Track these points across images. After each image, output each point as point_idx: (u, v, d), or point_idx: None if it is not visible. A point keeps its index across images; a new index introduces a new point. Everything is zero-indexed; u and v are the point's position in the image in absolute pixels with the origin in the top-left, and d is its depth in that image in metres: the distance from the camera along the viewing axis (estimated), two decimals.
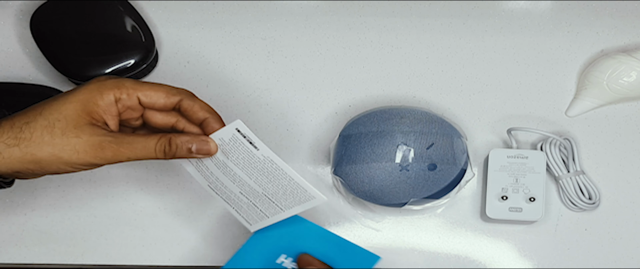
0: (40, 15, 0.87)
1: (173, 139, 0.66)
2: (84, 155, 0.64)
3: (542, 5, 0.91)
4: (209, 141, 0.67)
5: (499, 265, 0.84)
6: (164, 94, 0.67)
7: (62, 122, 0.64)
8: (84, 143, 0.64)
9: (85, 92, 0.65)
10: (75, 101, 0.64)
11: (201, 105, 0.68)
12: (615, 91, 0.85)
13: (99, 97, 0.65)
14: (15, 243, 0.85)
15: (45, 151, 0.64)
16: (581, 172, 0.84)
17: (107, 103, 0.65)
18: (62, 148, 0.64)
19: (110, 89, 0.65)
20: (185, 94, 0.68)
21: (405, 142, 0.79)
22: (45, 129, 0.64)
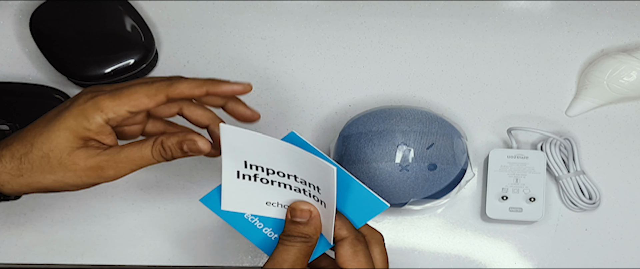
0: (40, 15, 0.87)
1: (165, 142, 0.64)
2: (87, 179, 0.64)
3: (542, 5, 0.91)
4: (196, 139, 0.64)
5: (499, 265, 0.84)
6: (144, 95, 0.64)
7: (56, 152, 0.63)
8: (83, 169, 0.64)
9: (70, 119, 0.63)
10: (63, 129, 0.63)
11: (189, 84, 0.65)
12: (616, 90, 0.85)
13: (87, 122, 0.63)
14: (15, 243, 0.85)
15: (49, 179, 0.64)
16: (581, 172, 0.84)
17: (98, 125, 0.64)
18: (64, 175, 0.64)
19: (93, 112, 0.63)
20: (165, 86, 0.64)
21: (405, 142, 0.79)
22: (42, 159, 0.64)
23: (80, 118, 0.63)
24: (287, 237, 0.64)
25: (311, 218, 0.65)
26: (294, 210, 0.65)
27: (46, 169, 0.64)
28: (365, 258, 0.64)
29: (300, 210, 0.65)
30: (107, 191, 0.86)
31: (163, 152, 0.65)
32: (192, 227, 0.85)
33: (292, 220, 0.65)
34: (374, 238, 0.66)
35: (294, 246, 0.64)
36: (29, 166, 0.64)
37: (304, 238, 0.64)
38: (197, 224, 0.85)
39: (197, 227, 0.85)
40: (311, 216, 0.65)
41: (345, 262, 0.63)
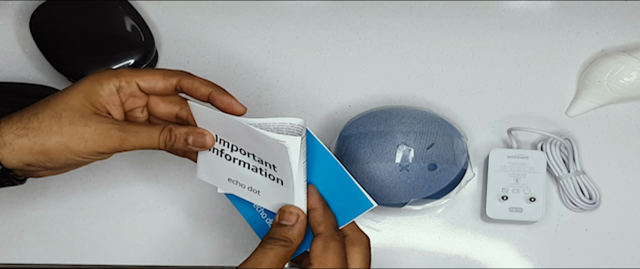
0: (39, 15, 0.87)
1: (173, 130, 0.66)
2: (91, 143, 0.65)
3: (542, 5, 0.91)
4: (205, 133, 0.66)
5: (499, 265, 0.84)
6: (161, 77, 0.67)
7: (69, 112, 0.65)
8: (91, 132, 0.65)
9: (85, 84, 0.66)
10: (77, 92, 0.66)
11: (201, 81, 0.68)
12: (616, 90, 0.85)
13: (100, 87, 0.66)
14: (15, 243, 0.85)
15: (53, 140, 0.64)
16: (581, 172, 0.84)
17: (108, 93, 0.66)
18: (70, 137, 0.65)
19: (108, 78, 0.66)
20: (182, 74, 0.68)
21: (405, 142, 0.79)
22: (53, 119, 0.65)
23: (95, 82, 0.66)
24: (268, 239, 0.65)
25: (296, 222, 0.66)
26: (283, 212, 0.66)
27: (54, 129, 0.64)
28: (334, 256, 0.63)
29: (288, 212, 0.66)
30: (107, 191, 0.86)
31: (169, 139, 0.66)
32: (192, 227, 0.85)
33: (279, 222, 0.66)
34: (357, 239, 0.67)
35: (272, 250, 0.64)
36: (36, 125, 0.64)
37: (285, 241, 0.65)
38: (196, 224, 0.85)
39: (196, 227, 0.85)
40: (297, 220, 0.66)
41: (314, 258, 0.64)
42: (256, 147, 0.64)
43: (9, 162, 0.65)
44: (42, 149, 0.65)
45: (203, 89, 0.68)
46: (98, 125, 0.65)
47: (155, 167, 0.87)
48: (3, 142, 0.64)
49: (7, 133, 0.65)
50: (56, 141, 0.64)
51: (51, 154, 0.65)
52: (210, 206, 0.86)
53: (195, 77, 0.68)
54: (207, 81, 0.68)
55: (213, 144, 0.67)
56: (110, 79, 0.66)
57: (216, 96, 0.68)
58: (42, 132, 0.64)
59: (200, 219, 0.85)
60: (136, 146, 0.66)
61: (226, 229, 0.85)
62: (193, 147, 0.66)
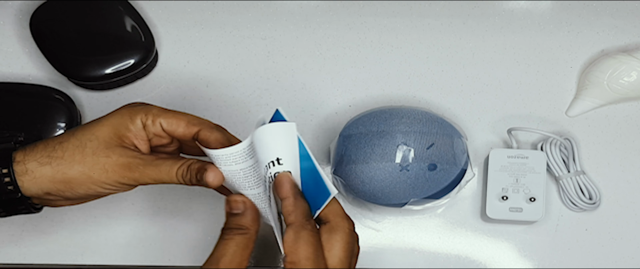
0: (40, 15, 0.87)
1: (191, 165, 0.66)
2: (112, 174, 0.65)
3: (542, 5, 0.91)
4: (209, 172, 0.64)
5: (499, 265, 0.84)
6: (184, 123, 0.67)
7: (94, 143, 0.65)
8: (113, 163, 0.65)
9: (117, 117, 0.67)
10: (107, 124, 0.66)
11: (216, 137, 0.67)
12: (616, 90, 0.85)
13: (130, 122, 0.66)
14: (15, 243, 0.85)
15: (75, 169, 0.65)
16: (581, 173, 0.84)
17: (138, 128, 0.67)
18: (92, 167, 0.65)
19: (137, 114, 0.67)
20: (205, 125, 0.68)
21: (405, 142, 0.79)
22: (77, 148, 0.65)
23: (126, 116, 0.66)
24: (225, 230, 0.65)
25: (245, 209, 0.65)
26: (229, 202, 0.66)
27: (77, 159, 0.65)
28: (306, 246, 0.63)
29: (234, 201, 0.65)
30: None
31: (185, 174, 0.66)
32: (191, 227, 0.85)
33: (230, 212, 0.66)
34: (339, 226, 0.65)
35: (232, 240, 0.64)
36: (60, 154, 0.65)
37: (241, 229, 0.64)
38: (197, 224, 0.85)
39: (196, 227, 0.85)
40: (245, 206, 0.65)
41: (285, 249, 0.63)
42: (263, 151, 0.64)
43: (29, 189, 0.65)
44: (63, 178, 0.65)
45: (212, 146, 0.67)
46: (120, 157, 0.65)
47: None
48: (25, 169, 0.65)
49: (30, 161, 0.65)
50: (78, 170, 0.65)
51: (72, 183, 0.65)
52: (211, 206, 0.86)
53: (214, 131, 0.67)
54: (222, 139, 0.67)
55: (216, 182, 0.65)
56: (139, 114, 0.66)
57: None
58: (65, 161, 0.65)
59: (201, 219, 0.85)
60: (155, 179, 0.66)
61: None
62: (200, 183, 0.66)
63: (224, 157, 0.63)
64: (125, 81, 0.88)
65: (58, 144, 0.65)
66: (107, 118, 0.67)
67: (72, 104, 0.86)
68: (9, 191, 0.65)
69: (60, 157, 0.65)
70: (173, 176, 0.66)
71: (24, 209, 0.67)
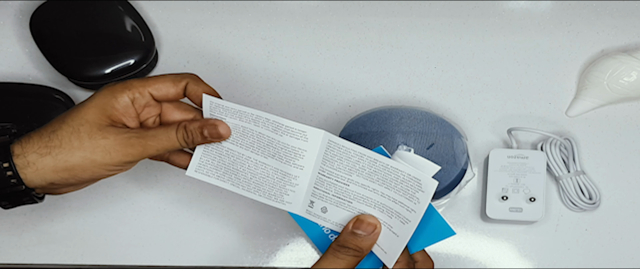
0: (40, 15, 0.87)
1: (188, 126, 0.66)
2: (115, 154, 0.65)
3: (542, 5, 0.91)
4: (217, 124, 0.67)
5: (499, 265, 0.84)
6: (171, 83, 0.67)
7: (86, 126, 0.65)
8: (112, 142, 0.65)
9: (100, 98, 0.66)
10: (92, 106, 0.66)
11: (204, 88, 0.68)
12: (616, 90, 0.85)
13: (115, 101, 0.66)
14: (15, 243, 0.85)
15: (77, 155, 0.65)
16: (581, 173, 0.84)
17: (124, 105, 0.66)
18: (93, 150, 0.65)
19: (121, 91, 0.66)
20: (189, 77, 0.68)
21: (405, 142, 0.79)
22: (72, 134, 0.65)
23: (108, 96, 0.66)
24: (340, 247, 0.64)
25: (373, 232, 0.64)
26: (361, 222, 0.65)
27: (75, 145, 0.64)
28: None
29: (367, 223, 0.65)
30: (107, 191, 0.86)
31: (185, 135, 0.66)
32: (192, 227, 0.85)
33: (353, 231, 0.65)
34: (426, 266, 0.67)
35: (343, 260, 0.64)
36: (57, 143, 0.64)
37: (357, 251, 0.64)
38: (197, 224, 0.85)
39: (197, 227, 0.85)
40: (374, 230, 0.65)
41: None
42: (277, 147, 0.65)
43: (32, 181, 0.65)
44: (66, 166, 0.65)
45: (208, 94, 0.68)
46: (116, 136, 0.65)
47: (156, 167, 0.87)
48: (26, 162, 0.64)
49: (29, 153, 0.64)
50: (80, 156, 0.65)
51: (76, 170, 0.65)
52: (211, 206, 0.86)
53: (201, 82, 0.68)
54: (210, 89, 0.68)
55: (228, 134, 0.67)
56: (124, 91, 0.66)
57: None
58: (64, 149, 0.64)
59: (201, 219, 0.85)
60: (158, 149, 0.66)
61: (226, 229, 0.85)
62: (211, 139, 0.67)
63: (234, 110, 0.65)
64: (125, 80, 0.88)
65: (52, 133, 0.65)
66: (91, 100, 0.66)
67: (72, 104, 0.86)
68: (12, 184, 0.64)
69: (58, 146, 0.64)
70: (174, 141, 0.66)
71: (28, 200, 0.67)
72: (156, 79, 0.68)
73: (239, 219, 0.85)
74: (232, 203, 0.86)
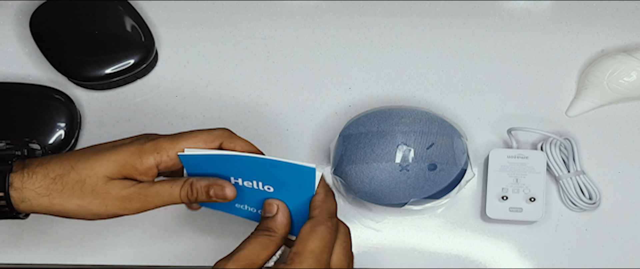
0: (40, 15, 0.87)
1: (194, 184, 0.66)
2: (112, 208, 0.65)
3: (542, 5, 0.91)
4: (225, 186, 0.66)
5: (499, 265, 0.84)
6: (203, 143, 0.66)
7: (93, 179, 0.64)
8: (113, 198, 0.64)
9: (124, 155, 0.64)
10: (112, 161, 0.64)
11: (242, 145, 0.67)
12: (616, 90, 0.85)
13: (139, 162, 0.64)
14: (15, 243, 0.85)
15: (73, 203, 0.64)
16: (581, 172, 0.84)
17: (147, 167, 0.65)
18: (90, 201, 0.64)
19: (149, 153, 0.65)
20: (224, 136, 0.67)
21: (405, 142, 0.79)
22: (76, 183, 0.64)
23: (135, 156, 0.64)
24: (255, 231, 0.66)
25: (277, 212, 0.66)
26: (265, 205, 0.67)
27: (76, 193, 0.64)
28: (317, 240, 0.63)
29: (268, 204, 0.67)
30: None
31: (190, 193, 0.66)
32: (191, 227, 0.85)
33: (264, 216, 0.67)
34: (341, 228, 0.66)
35: (254, 238, 0.65)
36: (59, 188, 0.63)
37: (268, 231, 0.65)
38: (197, 224, 0.85)
39: (197, 227, 0.85)
40: (277, 210, 0.67)
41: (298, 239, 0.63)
42: None
43: (22, 210, 0.65)
44: (60, 210, 0.64)
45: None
46: (119, 191, 0.64)
47: None
48: (22, 198, 0.64)
49: (27, 189, 0.63)
50: (76, 204, 0.64)
51: (69, 214, 0.65)
52: None
53: (236, 138, 0.67)
54: (247, 145, 0.67)
55: (234, 196, 0.67)
56: (152, 154, 0.65)
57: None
58: (63, 194, 0.64)
59: (201, 219, 0.85)
60: (158, 205, 0.66)
61: (226, 229, 0.85)
62: (215, 199, 0.66)
63: None
64: (125, 81, 0.88)
65: (59, 177, 0.63)
66: (114, 153, 0.64)
67: (72, 104, 0.86)
68: (4, 210, 0.64)
69: (59, 191, 0.63)
70: (177, 198, 0.66)
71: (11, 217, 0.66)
72: (187, 138, 0.66)
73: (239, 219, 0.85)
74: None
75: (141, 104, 0.89)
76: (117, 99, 0.89)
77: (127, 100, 0.89)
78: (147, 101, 0.89)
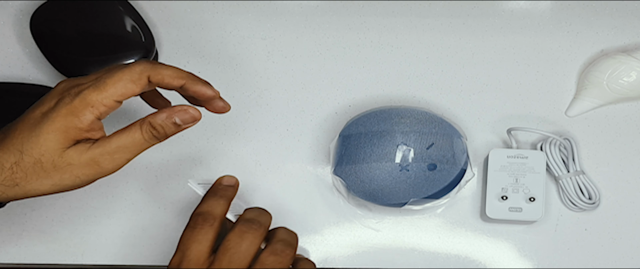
0: (40, 15, 0.87)
1: (153, 122, 0.63)
2: (84, 177, 0.62)
3: (542, 5, 0.91)
4: (187, 108, 0.63)
5: (499, 265, 0.84)
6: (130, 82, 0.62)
7: (47, 156, 0.61)
8: (78, 167, 0.62)
9: (59, 119, 0.61)
10: (52, 130, 0.61)
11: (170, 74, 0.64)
12: (615, 90, 0.85)
13: (78, 121, 0.61)
14: (15, 243, 0.85)
15: (46, 184, 0.62)
16: (581, 172, 0.84)
17: (89, 123, 0.62)
18: (61, 177, 0.62)
19: (83, 109, 0.61)
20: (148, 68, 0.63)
21: (405, 142, 0.79)
22: (35, 165, 0.61)
23: (70, 117, 0.61)
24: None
25: None
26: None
27: (41, 175, 0.61)
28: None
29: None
30: (107, 191, 0.86)
31: (155, 132, 0.63)
32: None
33: None
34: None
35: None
36: (22, 175, 0.61)
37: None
38: None
39: None
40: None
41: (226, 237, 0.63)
42: None
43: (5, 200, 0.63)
44: (38, 193, 0.62)
45: (174, 82, 0.64)
46: (80, 158, 0.62)
47: (155, 167, 0.87)
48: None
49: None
50: (49, 184, 0.62)
51: (49, 192, 0.63)
52: None
53: (159, 67, 0.63)
54: (176, 72, 0.64)
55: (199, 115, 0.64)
56: (86, 108, 0.61)
57: (189, 88, 0.65)
58: (31, 180, 0.61)
59: None
60: (128, 157, 0.63)
61: None
62: (185, 125, 0.64)
63: None
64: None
65: (15, 165, 0.61)
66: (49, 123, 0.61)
67: None
68: None
69: (24, 178, 0.61)
70: (142, 141, 0.63)
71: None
72: (114, 83, 0.62)
73: None
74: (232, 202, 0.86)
75: (141, 104, 0.89)
76: None
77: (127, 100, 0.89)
78: None
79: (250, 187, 0.86)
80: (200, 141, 0.87)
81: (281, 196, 0.86)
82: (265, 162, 0.87)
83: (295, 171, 0.86)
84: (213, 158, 0.87)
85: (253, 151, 0.87)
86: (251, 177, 0.86)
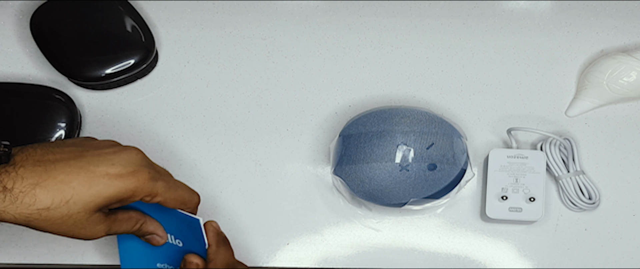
0: (40, 15, 0.87)
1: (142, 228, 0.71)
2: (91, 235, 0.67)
3: (542, 5, 0.91)
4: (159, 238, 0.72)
5: (499, 265, 0.84)
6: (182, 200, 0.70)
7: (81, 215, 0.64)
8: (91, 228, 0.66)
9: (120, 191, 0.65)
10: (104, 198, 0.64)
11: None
12: (615, 91, 0.85)
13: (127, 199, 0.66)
14: (15, 243, 0.85)
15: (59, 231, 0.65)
16: (581, 172, 0.84)
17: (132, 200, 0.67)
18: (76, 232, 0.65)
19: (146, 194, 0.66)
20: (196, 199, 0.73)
21: (405, 142, 0.79)
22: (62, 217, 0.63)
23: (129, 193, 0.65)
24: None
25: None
26: (185, 262, 0.71)
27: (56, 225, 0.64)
28: None
29: (189, 262, 0.71)
30: None
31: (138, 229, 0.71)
32: None
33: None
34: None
35: None
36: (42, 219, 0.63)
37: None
38: None
39: None
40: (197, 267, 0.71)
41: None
42: None
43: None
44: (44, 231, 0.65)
45: None
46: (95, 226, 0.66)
47: None
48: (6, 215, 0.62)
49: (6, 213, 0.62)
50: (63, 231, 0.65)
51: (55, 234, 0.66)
52: (210, 207, 0.86)
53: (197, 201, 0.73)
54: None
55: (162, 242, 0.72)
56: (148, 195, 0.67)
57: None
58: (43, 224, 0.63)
59: None
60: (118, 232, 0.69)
61: (226, 229, 0.85)
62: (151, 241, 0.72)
63: None
64: (125, 81, 0.88)
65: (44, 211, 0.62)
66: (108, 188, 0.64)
67: (72, 104, 0.86)
68: None
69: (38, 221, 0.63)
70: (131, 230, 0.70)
71: None
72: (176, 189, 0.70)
73: (239, 219, 0.85)
74: (232, 203, 0.86)
75: (141, 104, 0.89)
76: (117, 99, 0.89)
77: (127, 100, 0.89)
78: (147, 101, 0.89)
79: (250, 187, 0.86)
80: (201, 141, 0.87)
81: (281, 196, 0.86)
82: (265, 162, 0.87)
83: (295, 171, 0.86)
84: (213, 158, 0.87)
85: (253, 151, 0.87)
86: (251, 177, 0.86)
